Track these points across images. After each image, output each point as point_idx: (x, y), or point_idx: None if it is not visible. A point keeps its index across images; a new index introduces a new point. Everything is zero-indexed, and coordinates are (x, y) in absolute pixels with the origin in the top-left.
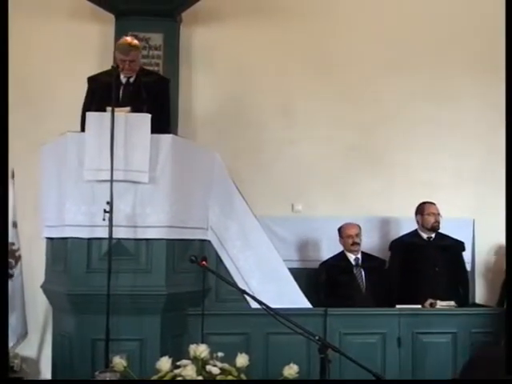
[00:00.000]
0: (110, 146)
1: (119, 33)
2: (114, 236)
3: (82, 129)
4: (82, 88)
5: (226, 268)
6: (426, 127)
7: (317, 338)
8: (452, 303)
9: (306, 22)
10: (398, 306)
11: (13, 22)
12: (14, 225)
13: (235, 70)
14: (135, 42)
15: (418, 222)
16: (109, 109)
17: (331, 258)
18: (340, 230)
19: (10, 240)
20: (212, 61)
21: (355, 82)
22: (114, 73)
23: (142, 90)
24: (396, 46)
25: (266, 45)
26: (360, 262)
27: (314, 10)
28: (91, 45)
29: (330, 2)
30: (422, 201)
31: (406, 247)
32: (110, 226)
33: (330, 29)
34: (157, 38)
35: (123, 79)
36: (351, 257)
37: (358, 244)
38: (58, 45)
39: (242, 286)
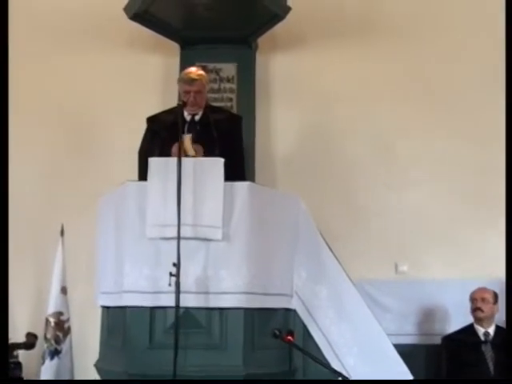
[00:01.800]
0: (176, 197)
1: (185, 64)
2: (182, 304)
3: (141, 177)
4: (143, 130)
5: (315, 344)
6: None
7: None
8: None
9: (402, 45)
10: None
11: (61, 56)
12: (64, 291)
13: (321, 103)
14: (201, 71)
15: None
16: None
17: (456, 331)
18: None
19: (59, 309)
20: (294, 92)
21: (469, 114)
22: (178, 110)
23: (211, 128)
24: None
25: (356, 72)
26: (491, 337)
27: (412, 30)
28: (152, 80)
29: (429, 21)
30: None
31: None
32: (177, 292)
33: (434, 52)
34: (229, 69)
35: (187, 117)
36: (480, 330)
37: (481, 311)
38: (114, 81)
39: (335, 365)
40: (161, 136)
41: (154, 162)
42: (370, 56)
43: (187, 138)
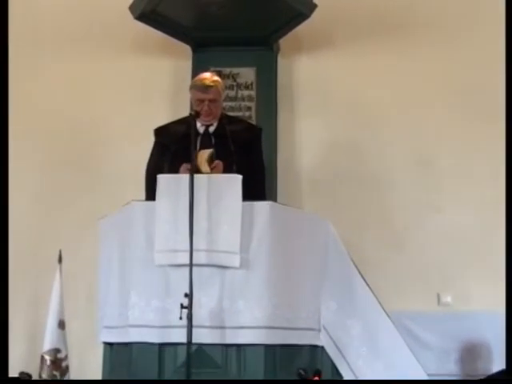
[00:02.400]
0: (188, 218)
1: (197, 69)
2: (195, 340)
3: (148, 196)
4: (151, 143)
5: None
6: None
7: None
8: None
9: (440, 46)
10: None
11: (59, 61)
12: (61, 325)
13: (351, 111)
14: (216, 77)
15: None
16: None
17: (499, 371)
18: None
19: (55, 345)
20: (321, 100)
21: None
22: (191, 121)
23: (228, 141)
24: None
25: (390, 76)
26: None
27: (451, 29)
28: (161, 87)
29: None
30: None
31: None
32: (190, 326)
33: (476, 54)
34: (247, 74)
35: (200, 128)
36: None
37: None
38: (117, 88)
39: None
40: (171, 150)
41: (163, 179)
42: (405, 58)
43: (205, 154)
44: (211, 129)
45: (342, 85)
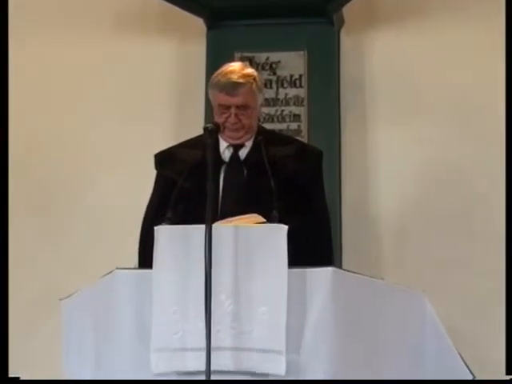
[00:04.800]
0: (204, 296)
1: (215, 56)
2: None
3: (142, 262)
4: (147, 176)
5: None
6: None
7: None
8: None
9: None
10: None
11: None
12: None
13: (462, 118)
14: (248, 69)
15: None
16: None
17: None
18: None
19: None
20: (412, 101)
21: None
22: (207, 140)
23: (267, 172)
24: None
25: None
26: None
27: None
28: (160, 85)
29: None
30: None
31: None
32: None
33: None
34: (293, 62)
35: (225, 151)
36: None
37: None
38: (95, 84)
39: None
40: (179, 187)
41: (163, 232)
42: None
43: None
44: (243, 152)
45: (440, 76)
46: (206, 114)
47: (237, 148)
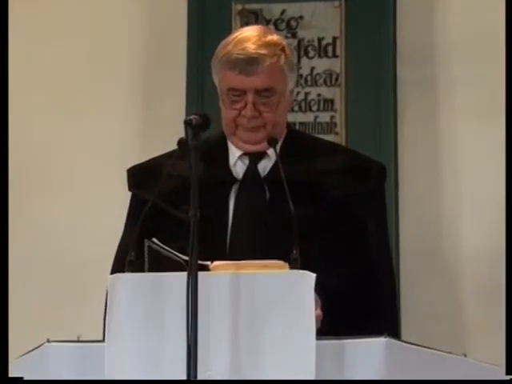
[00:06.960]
0: (186, 375)
1: (201, 12)
2: None
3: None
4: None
5: None
6: None
7: None
8: None
9: None
10: None
11: None
12: None
13: None
14: (273, 36)
15: None
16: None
17: None
18: None
19: None
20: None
21: None
22: (192, 141)
23: (299, 194)
24: None
25: None
26: None
27: None
28: (123, 62)
29: None
30: None
31: None
32: None
33: None
34: (323, 19)
35: (239, 163)
36: None
37: None
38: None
39: None
40: (164, 217)
41: (123, 282)
42: None
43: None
44: (264, 166)
45: None
46: (188, 103)
47: (255, 159)
